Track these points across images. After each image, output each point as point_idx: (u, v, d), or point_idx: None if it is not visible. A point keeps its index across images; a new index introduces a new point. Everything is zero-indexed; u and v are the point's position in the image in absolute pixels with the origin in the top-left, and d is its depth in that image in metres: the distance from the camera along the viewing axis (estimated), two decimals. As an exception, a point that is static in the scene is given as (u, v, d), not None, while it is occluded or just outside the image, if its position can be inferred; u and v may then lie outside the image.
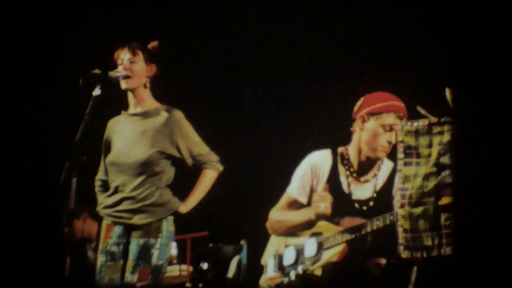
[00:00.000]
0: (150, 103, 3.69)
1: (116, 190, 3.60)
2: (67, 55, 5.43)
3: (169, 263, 4.26)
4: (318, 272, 3.49)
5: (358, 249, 3.45)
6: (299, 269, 3.54)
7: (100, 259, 3.56)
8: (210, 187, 3.71)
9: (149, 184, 3.55)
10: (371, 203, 3.55)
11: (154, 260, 3.48)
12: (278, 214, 3.71)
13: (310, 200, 3.63)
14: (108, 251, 3.56)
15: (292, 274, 3.55)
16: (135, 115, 3.68)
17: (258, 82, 5.93)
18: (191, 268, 5.34)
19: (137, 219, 3.53)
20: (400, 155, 2.92)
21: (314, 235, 3.59)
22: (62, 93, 5.14)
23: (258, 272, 3.82)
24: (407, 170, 2.89)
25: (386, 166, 3.61)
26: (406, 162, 2.90)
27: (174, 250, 5.25)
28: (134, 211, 3.53)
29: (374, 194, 3.57)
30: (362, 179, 3.62)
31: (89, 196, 3.82)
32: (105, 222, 3.62)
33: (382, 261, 3.48)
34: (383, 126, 3.52)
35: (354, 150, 3.63)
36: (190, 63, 5.83)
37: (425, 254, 2.81)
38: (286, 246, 3.70)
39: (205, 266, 5.49)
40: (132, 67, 3.62)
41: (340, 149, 3.68)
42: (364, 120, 3.57)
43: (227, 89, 6.04)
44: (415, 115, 3.03)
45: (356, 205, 3.56)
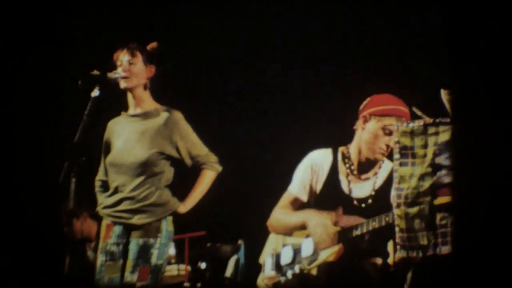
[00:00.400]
0: (150, 104, 3.70)
1: (116, 190, 3.61)
2: (66, 57, 5.44)
3: (168, 263, 4.27)
4: (314, 272, 3.51)
5: (354, 249, 3.47)
6: (296, 269, 3.56)
7: (100, 259, 3.57)
8: (209, 188, 3.74)
9: (149, 185, 3.57)
10: (370, 201, 3.58)
11: (154, 260, 3.50)
12: (280, 213, 3.73)
13: (312, 200, 3.66)
14: (108, 251, 3.57)
15: (289, 273, 3.58)
16: (135, 116, 3.69)
17: (258, 82, 5.93)
18: (189, 268, 5.35)
19: (137, 219, 3.54)
20: (396, 156, 2.93)
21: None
22: (61, 94, 5.15)
23: (256, 272, 3.84)
24: (403, 171, 2.89)
25: (387, 166, 3.63)
26: (402, 163, 2.91)
27: (173, 250, 5.25)
28: (134, 211, 3.55)
29: (373, 192, 3.60)
30: (363, 177, 3.63)
31: (89, 196, 3.85)
32: (105, 222, 3.63)
33: (378, 261, 3.50)
34: (384, 129, 3.52)
35: (355, 148, 3.64)
36: (189, 64, 5.83)
37: (421, 254, 2.82)
38: (284, 245, 3.71)
39: (203, 266, 5.51)
40: (131, 69, 3.63)
41: (341, 148, 3.70)
42: (366, 120, 3.59)
43: (227, 89, 6.05)
44: (414, 117, 3.04)
45: (355, 202, 3.58)
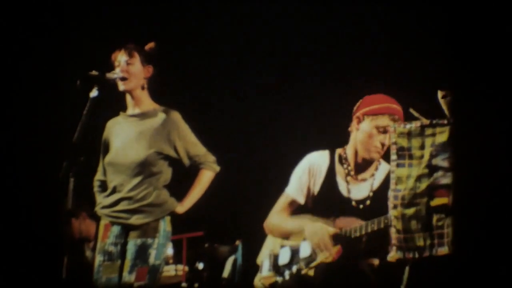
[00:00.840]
0: (148, 104, 3.71)
1: (114, 190, 3.62)
2: (65, 57, 5.45)
3: (166, 263, 4.27)
4: (311, 273, 3.52)
5: (352, 250, 3.48)
6: (294, 269, 3.57)
7: (98, 259, 3.58)
8: (207, 188, 3.74)
9: (147, 185, 3.58)
10: (368, 202, 3.59)
11: (152, 260, 3.50)
12: (276, 217, 3.73)
13: (309, 202, 3.67)
14: (106, 251, 3.58)
15: (287, 274, 3.58)
16: (133, 116, 3.70)
17: (257, 82, 5.93)
18: (187, 268, 5.35)
19: (135, 219, 3.55)
20: (393, 157, 2.93)
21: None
22: (60, 94, 5.15)
23: (254, 272, 3.84)
24: (400, 172, 2.90)
25: (384, 167, 3.64)
26: (399, 164, 2.91)
27: (170, 250, 5.25)
28: (132, 211, 3.56)
29: (371, 193, 3.61)
30: (360, 177, 3.65)
31: (87, 196, 3.85)
32: (103, 222, 3.64)
33: (375, 262, 3.51)
34: (377, 128, 3.55)
35: (351, 150, 3.66)
36: (187, 64, 5.83)
37: (417, 255, 2.82)
38: (282, 246, 3.71)
39: (201, 266, 5.50)
40: (129, 69, 3.64)
41: (339, 150, 3.72)
42: (360, 121, 3.61)
43: (225, 90, 6.05)
44: (410, 118, 3.05)
45: (353, 203, 3.60)
